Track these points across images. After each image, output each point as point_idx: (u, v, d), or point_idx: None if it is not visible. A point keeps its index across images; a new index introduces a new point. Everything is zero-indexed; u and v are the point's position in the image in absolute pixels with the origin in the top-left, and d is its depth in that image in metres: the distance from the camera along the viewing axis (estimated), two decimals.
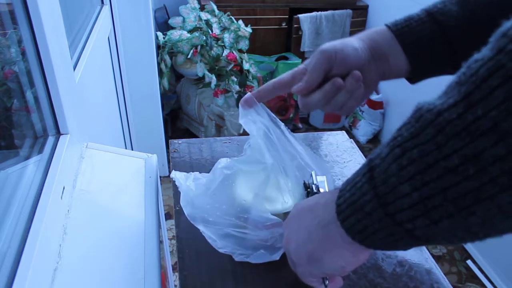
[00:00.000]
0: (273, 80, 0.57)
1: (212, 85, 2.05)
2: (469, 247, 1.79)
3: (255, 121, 0.55)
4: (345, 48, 0.53)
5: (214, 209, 0.55)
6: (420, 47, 0.53)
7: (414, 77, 0.55)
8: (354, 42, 0.55)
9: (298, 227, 0.45)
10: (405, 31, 0.53)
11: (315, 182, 0.54)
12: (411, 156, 0.31)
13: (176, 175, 0.58)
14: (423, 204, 0.31)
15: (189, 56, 2.06)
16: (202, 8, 2.23)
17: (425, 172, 0.30)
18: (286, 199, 0.56)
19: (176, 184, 0.57)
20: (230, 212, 0.54)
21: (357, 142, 2.28)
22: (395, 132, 0.34)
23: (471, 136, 0.27)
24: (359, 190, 0.36)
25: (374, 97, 2.41)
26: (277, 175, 0.54)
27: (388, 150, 0.34)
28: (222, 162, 0.57)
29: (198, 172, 0.58)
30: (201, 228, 0.54)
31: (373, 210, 0.35)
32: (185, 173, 0.58)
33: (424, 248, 0.60)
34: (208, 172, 0.57)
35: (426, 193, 0.31)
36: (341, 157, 0.80)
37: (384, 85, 2.45)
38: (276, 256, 0.53)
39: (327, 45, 0.54)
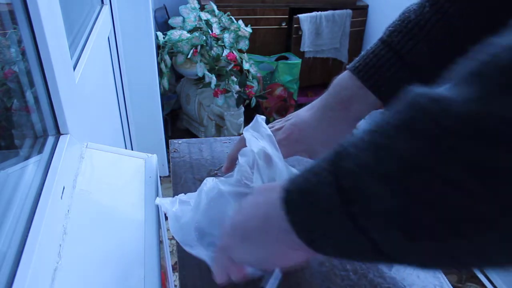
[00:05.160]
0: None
1: (212, 85, 2.06)
2: None
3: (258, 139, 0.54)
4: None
5: (211, 227, 0.52)
6: (390, 85, 0.51)
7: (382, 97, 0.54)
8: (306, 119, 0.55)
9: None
10: (371, 73, 0.52)
11: None
12: (399, 152, 0.24)
13: (160, 201, 0.55)
14: (403, 216, 0.24)
15: (189, 56, 2.06)
16: (202, 8, 2.23)
17: (413, 176, 0.23)
18: None
19: (164, 210, 0.55)
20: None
21: None
22: (378, 121, 0.26)
23: (497, 147, 0.20)
24: (316, 177, 0.28)
25: None
26: None
27: (368, 137, 0.26)
28: (208, 183, 0.54)
29: (183, 194, 0.56)
30: (194, 252, 0.51)
31: (331, 206, 0.27)
32: (170, 198, 0.56)
33: None
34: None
35: (409, 204, 0.24)
36: None
37: None
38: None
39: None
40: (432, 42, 0.48)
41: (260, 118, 0.56)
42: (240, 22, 2.17)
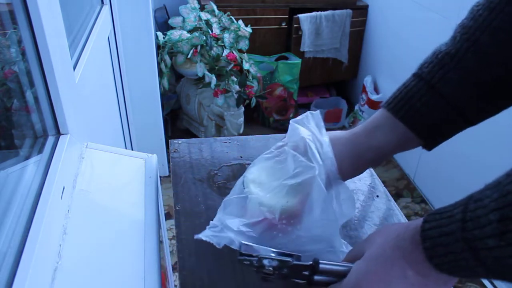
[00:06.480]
0: None
1: (212, 85, 2.06)
2: None
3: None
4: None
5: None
6: (428, 122, 0.51)
7: (427, 145, 0.54)
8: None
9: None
10: (401, 105, 0.52)
11: None
12: None
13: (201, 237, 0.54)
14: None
15: (189, 56, 2.06)
16: (202, 8, 2.23)
17: None
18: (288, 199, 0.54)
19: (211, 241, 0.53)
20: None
21: None
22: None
23: None
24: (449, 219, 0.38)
25: (374, 97, 2.42)
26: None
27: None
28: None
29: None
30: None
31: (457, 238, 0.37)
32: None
33: None
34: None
35: None
36: None
37: (383, 85, 2.45)
38: None
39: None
40: (463, 70, 0.48)
41: (314, 114, 0.58)
42: (240, 22, 2.17)
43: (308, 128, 0.57)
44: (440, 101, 0.49)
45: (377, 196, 0.70)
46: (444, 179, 1.94)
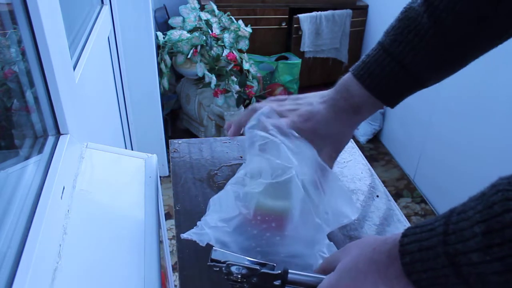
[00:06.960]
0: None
1: (212, 85, 2.06)
2: None
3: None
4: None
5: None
6: (387, 87, 0.56)
7: (389, 105, 0.58)
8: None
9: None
10: (376, 82, 0.56)
11: None
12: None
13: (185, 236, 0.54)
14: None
15: (189, 56, 2.06)
16: (202, 8, 2.23)
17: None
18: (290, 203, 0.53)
19: (196, 240, 0.53)
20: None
21: (357, 142, 2.29)
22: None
23: None
24: (430, 232, 0.36)
25: None
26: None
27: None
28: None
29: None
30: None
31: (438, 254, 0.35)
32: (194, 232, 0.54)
33: None
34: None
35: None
36: (341, 156, 0.80)
37: None
38: None
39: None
40: (431, 52, 0.52)
41: (263, 115, 0.57)
42: (240, 22, 2.17)
43: (267, 128, 0.56)
44: (410, 80, 0.55)
45: (377, 196, 0.70)
46: (444, 179, 1.94)
